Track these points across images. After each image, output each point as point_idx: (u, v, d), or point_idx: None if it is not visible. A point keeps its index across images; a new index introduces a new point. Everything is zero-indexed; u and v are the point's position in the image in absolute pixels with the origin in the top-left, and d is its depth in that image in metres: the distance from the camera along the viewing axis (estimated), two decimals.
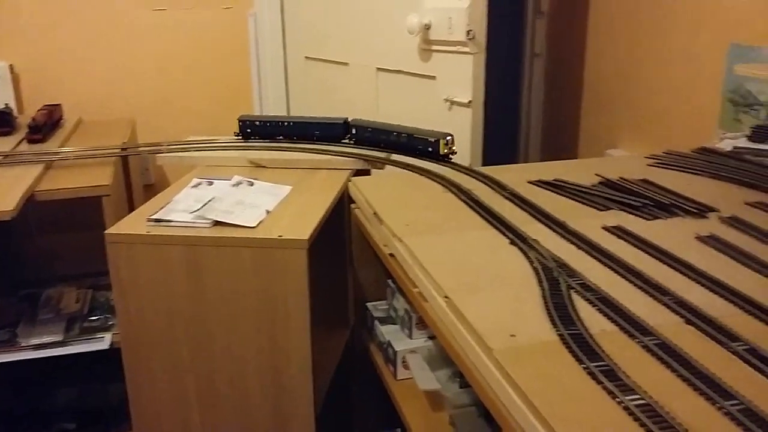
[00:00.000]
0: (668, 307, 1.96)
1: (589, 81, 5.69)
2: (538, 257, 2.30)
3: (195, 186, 3.44)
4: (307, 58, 6.00)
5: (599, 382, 1.60)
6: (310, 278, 2.90)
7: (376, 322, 3.25)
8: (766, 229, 2.51)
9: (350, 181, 3.36)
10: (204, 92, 6.45)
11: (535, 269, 2.22)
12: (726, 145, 3.75)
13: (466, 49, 4.24)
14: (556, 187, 3.12)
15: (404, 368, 3.03)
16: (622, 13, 5.36)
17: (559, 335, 1.82)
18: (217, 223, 2.93)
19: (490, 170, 3.53)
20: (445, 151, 3.35)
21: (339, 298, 3.79)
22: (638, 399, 1.52)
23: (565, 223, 2.62)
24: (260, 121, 4.11)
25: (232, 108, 6.17)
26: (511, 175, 3.40)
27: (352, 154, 3.90)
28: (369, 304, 3.40)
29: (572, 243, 2.44)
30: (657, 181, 3.13)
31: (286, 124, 4.07)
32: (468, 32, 4.16)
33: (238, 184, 3.43)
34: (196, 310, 2.92)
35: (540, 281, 2.13)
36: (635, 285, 2.11)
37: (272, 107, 6.28)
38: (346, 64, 5.54)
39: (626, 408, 1.50)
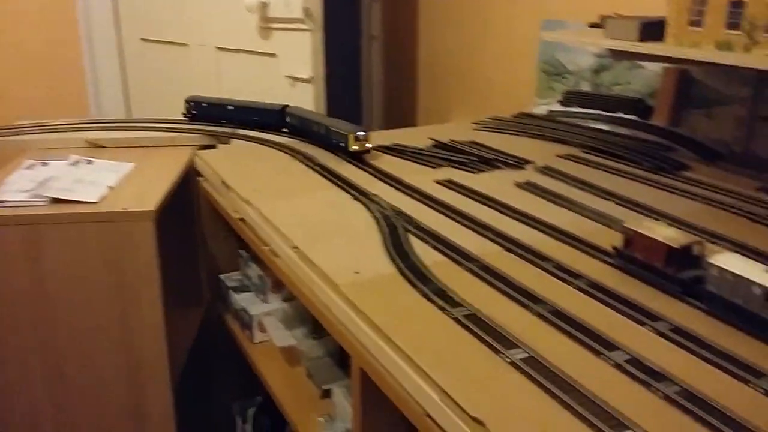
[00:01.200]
0: (490, 239, 2.25)
1: (423, 60, 6.09)
2: (379, 209, 2.51)
3: (28, 168, 3.31)
4: (143, 40, 5.85)
5: (432, 301, 1.83)
6: (159, 252, 2.92)
7: (231, 292, 3.33)
8: (573, 175, 2.90)
9: (196, 154, 3.39)
10: (33, 77, 6.08)
11: (376, 218, 2.43)
12: (541, 110, 4.20)
13: (304, 26, 4.38)
14: (394, 150, 3.37)
15: (261, 331, 3.14)
16: None
17: (398, 268, 2.03)
18: (55, 201, 2.85)
19: None
20: (355, 147, 2.97)
21: (192, 274, 3.81)
22: (465, 310, 1.76)
23: (402, 179, 2.86)
24: (206, 103, 4.01)
25: (63, 93, 5.88)
26: None
27: (195, 130, 3.92)
28: (222, 276, 3.46)
29: (408, 195, 2.69)
30: (482, 142, 3.48)
31: (230, 108, 3.92)
32: (305, 9, 4.30)
33: (75, 163, 3.34)
34: (39, 291, 2.84)
35: (380, 227, 2.34)
36: (462, 224, 2.39)
37: (107, 91, 6.05)
38: (185, 45, 5.47)
39: (455, 318, 1.74)
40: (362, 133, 3.00)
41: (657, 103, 3.86)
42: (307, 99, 4.22)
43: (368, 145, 3.03)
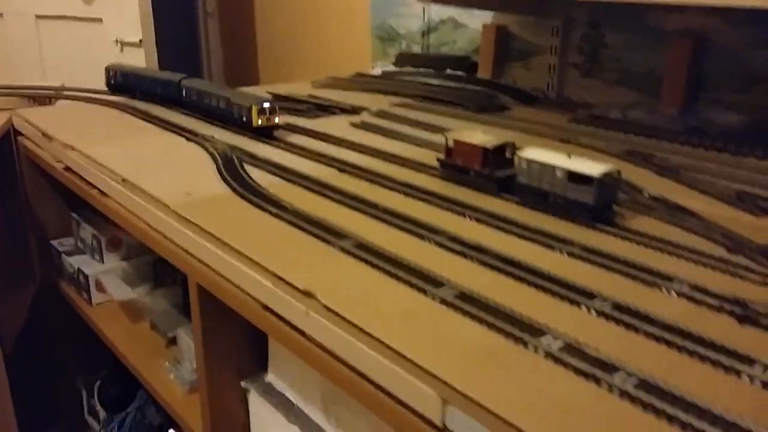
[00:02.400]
0: (325, 164, 2.32)
1: (263, 35, 6.08)
2: (214, 146, 2.50)
3: None
4: None
5: (265, 210, 1.86)
6: None
7: (64, 256, 3.15)
8: (405, 116, 3.05)
9: (14, 113, 3.17)
10: None
11: (210, 153, 2.42)
12: (376, 71, 4.36)
13: None
14: None
15: (99, 291, 3.00)
16: None
17: (232, 188, 2.04)
18: None
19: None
20: (260, 122, 2.60)
21: (20, 245, 3.55)
22: (298, 215, 1.82)
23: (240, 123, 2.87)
24: (121, 73, 3.56)
25: None
26: None
27: (14, 93, 3.65)
28: (54, 241, 3.27)
29: (244, 136, 2.70)
30: (318, 95, 3.55)
31: (134, 78, 3.47)
32: None
33: None
34: None
35: (215, 160, 2.33)
36: (299, 155, 2.45)
37: None
38: None
39: (290, 222, 1.78)
40: (267, 105, 2.57)
41: (480, 59, 4.13)
42: (138, 63, 4.07)
43: (276, 120, 2.62)
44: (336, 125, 2.84)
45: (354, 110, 3.12)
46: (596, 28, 3.59)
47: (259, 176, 2.14)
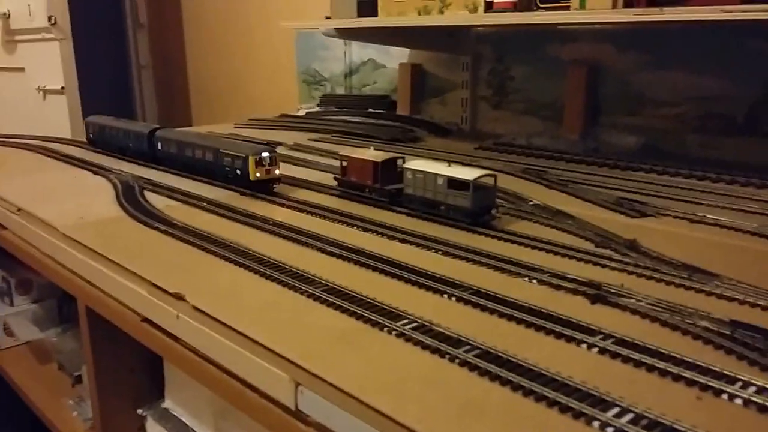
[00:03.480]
0: (228, 189, 2.37)
1: (196, 83, 6.20)
2: (118, 177, 2.52)
3: None
4: None
5: (154, 228, 1.88)
6: None
7: None
8: (319, 148, 3.13)
9: None
10: None
11: (113, 183, 2.43)
12: (301, 113, 4.46)
13: (51, 36, 4.25)
14: None
15: (8, 335, 2.93)
16: (210, 20, 6.00)
17: (126, 211, 2.05)
18: None
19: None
20: (258, 175, 2.18)
21: None
22: (185, 233, 1.86)
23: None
24: (98, 127, 3.33)
25: None
26: None
27: None
28: None
29: (152, 168, 2.74)
30: (240, 134, 3.63)
31: (115, 131, 3.19)
32: (50, 18, 4.19)
33: None
34: None
35: (115, 188, 2.35)
36: (203, 182, 2.49)
37: None
38: None
39: (177, 237, 1.82)
40: (267, 154, 2.17)
41: (398, 97, 4.27)
42: (61, 109, 4.07)
43: (277, 172, 2.21)
44: None
45: (271, 145, 3.18)
46: (502, 61, 3.76)
47: (157, 200, 2.15)
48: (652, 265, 1.47)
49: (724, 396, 0.97)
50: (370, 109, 4.19)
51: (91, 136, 3.30)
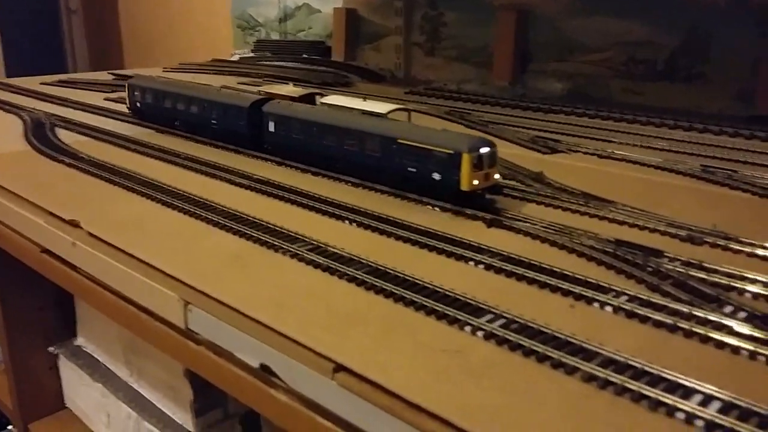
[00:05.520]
0: (140, 125, 2.30)
1: (128, 27, 5.98)
2: (30, 114, 2.42)
3: None
4: None
5: (60, 161, 1.82)
6: None
7: None
8: (247, 90, 3.06)
9: None
10: None
11: (23, 120, 2.34)
12: (235, 58, 4.35)
13: None
14: (68, 83, 3.31)
15: None
16: None
17: (32, 146, 1.98)
18: None
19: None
20: (476, 183, 1.46)
21: None
22: (91, 165, 1.80)
23: (69, 99, 2.82)
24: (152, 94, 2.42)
25: None
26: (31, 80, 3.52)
27: None
28: None
29: (70, 107, 2.65)
30: (166, 77, 3.52)
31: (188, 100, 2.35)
32: None
33: None
34: None
35: (25, 124, 2.26)
36: (118, 119, 2.41)
37: None
38: None
39: (82, 170, 1.75)
40: (488, 150, 1.49)
41: (333, 43, 4.21)
42: None
43: (497, 176, 1.52)
44: None
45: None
46: (435, 6, 3.73)
47: (67, 136, 2.08)
48: (552, 194, 1.50)
49: (596, 304, 1.00)
50: (305, 55, 4.12)
51: (138, 104, 2.48)
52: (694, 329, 0.93)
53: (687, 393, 0.78)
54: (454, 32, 3.50)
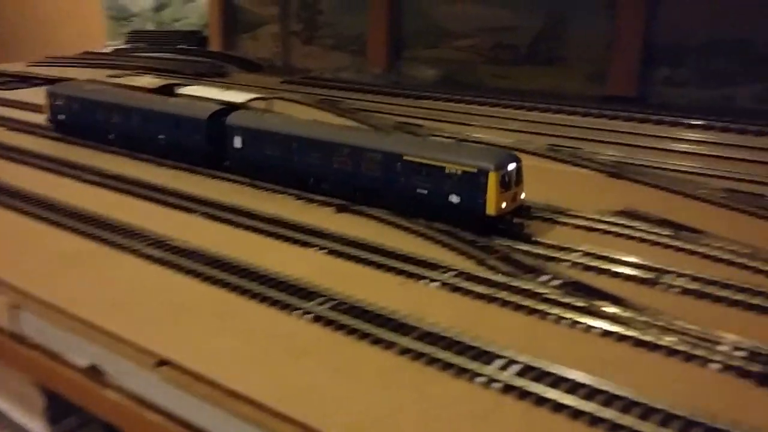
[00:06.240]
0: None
1: None
2: None
3: None
4: None
5: None
6: None
7: None
8: (113, 83, 2.95)
9: None
10: None
11: None
12: (108, 49, 4.17)
13: None
14: None
15: None
16: None
17: None
18: None
19: None
20: (504, 206, 1.30)
21: None
22: None
23: None
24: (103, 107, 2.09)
25: None
26: None
27: None
28: None
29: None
30: (32, 72, 3.33)
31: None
32: None
33: None
34: None
35: None
36: None
37: None
38: None
39: None
40: (515, 167, 1.35)
41: (210, 32, 4.11)
42: None
43: (523, 195, 1.37)
44: (33, 94, 2.70)
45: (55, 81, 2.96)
46: None
47: None
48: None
49: (424, 281, 1.05)
50: (181, 46, 4.01)
51: (60, 117, 2.15)
52: (508, 299, 0.99)
53: (490, 359, 0.83)
54: (331, 20, 3.52)
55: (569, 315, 0.91)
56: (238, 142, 1.56)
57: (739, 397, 0.93)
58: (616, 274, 1.16)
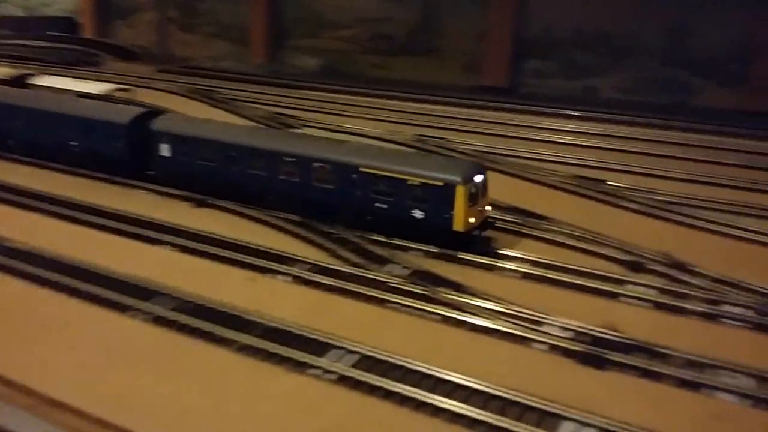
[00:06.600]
0: None
1: None
2: None
3: None
4: None
5: None
6: None
7: None
8: None
9: None
10: None
11: None
12: None
13: None
14: None
15: None
16: None
17: None
18: None
19: None
20: (473, 221, 1.13)
21: None
22: None
23: None
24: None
25: None
26: None
27: None
28: None
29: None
30: None
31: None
32: None
33: None
34: None
35: None
36: None
37: None
38: None
39: None
40: (481, 178, 1.15)
41: (82, 19, 3.90)
42: None
43: (488, 208, 1.18)
44: None
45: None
46: None
47: None
48: None
49: (275, 275, 1.05)
50: (51, 32, 3.79)
51: None
52: (355, 290, 1.01)
53: (324, 350, 0.85)
54: (211, 7, 3.43)
55: (411, 303, 0.95)
56: (165, 149, 1.48)
57: (561, 376, 1.00)
58: (462, 261, 1.21)
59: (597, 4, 3.58)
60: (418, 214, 1.24)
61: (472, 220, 1.29)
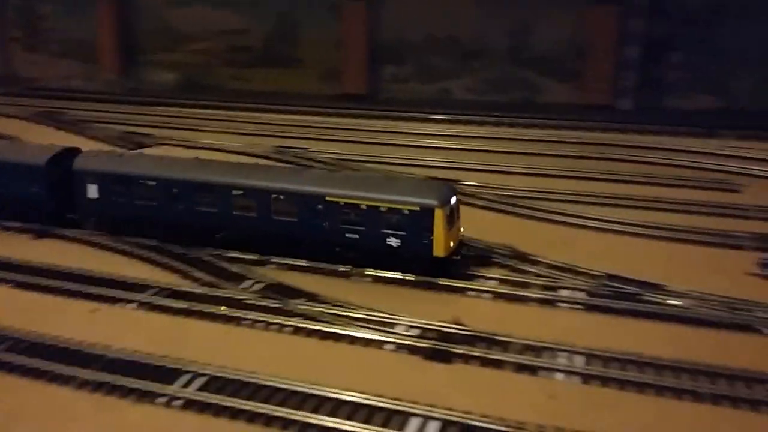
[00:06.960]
0: None
1: None
2: None
3: None
4: None
5: None
6: None
7: None
8: None
9: None
10: None
11: None
12: None
13: None
14: None
15: None
16: None
17: None
18: None
19: None
20: (452, 245, 1.01)
21: None
22: None
23: None
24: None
25: None
26: None
27: None
28: None
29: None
30: None
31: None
32: None
33: None
34: None
35: None
36: None
37: None
38: None
39: None
40: (455, 199, 1.00)
41: None
42: None
43: (462, 229, 1.06)
44: None
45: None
46: None
47: None
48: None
49: (121, 304, 1.01)
50: None
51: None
52: (206, 310, 0.99)
53: (174, 377, 0.82)
54: (54, 25, 3.24)
55: (264, 317, 0.95)
56: (93, 191, 1.37)
57: (407, 373, 1.04)
58: (317, 270, 1.23)
59: (447, 9, 3.75)
60: (393, 242, 1.20)
61: (451, 243, 1.28)
